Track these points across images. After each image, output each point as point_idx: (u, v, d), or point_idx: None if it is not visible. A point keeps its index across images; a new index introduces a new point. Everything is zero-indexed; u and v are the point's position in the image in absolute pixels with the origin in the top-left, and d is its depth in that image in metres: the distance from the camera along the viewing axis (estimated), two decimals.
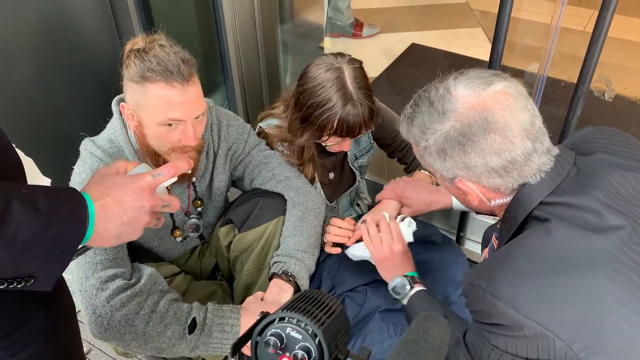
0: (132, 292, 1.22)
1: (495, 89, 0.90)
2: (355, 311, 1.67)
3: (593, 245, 0.84)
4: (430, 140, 0.93)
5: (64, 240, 0.68)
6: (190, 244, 1.61)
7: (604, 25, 1.30)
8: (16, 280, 0.66)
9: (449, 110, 0.91)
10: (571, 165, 0.94)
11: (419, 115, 0.95)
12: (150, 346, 1.22)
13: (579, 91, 1.45)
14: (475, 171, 0.92)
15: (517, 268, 0.87)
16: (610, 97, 2.76)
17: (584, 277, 0.82)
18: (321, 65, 1.45)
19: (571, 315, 0.80)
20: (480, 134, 0.88)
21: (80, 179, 1.28)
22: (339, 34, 3.59)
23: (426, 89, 0.97)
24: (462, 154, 0.91)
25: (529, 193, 0.93)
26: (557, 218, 0.89)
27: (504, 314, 0.84)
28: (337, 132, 1.46)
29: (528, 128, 0.89)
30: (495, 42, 1.51)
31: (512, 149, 0.89)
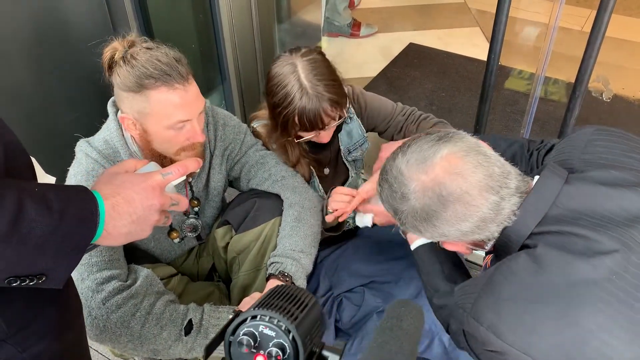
0: (127, 293, 1.22)
1: (442, 155, 0.91)
2: (353, 312, 1.66)
3: (579, 273, 0.83)
4: (402, 217, 0.97)
5: (75, 238, 0.69)
6: (187, 245, 1.60)
7: (601, 25, 1.30)
8: (28, 277, 0.67)
9: (408, 192, 0.93)
10: (560, 187, 0.92)
11: (385, 195, 0.99)
12: (147, 348, 1.22)
13: (577, 92, 1.45)
14: (452, 236, 0.94)
15: (500, 294, 0.87)
16: (608, 97, 2.76)
17: (567, 307, 0.81)
18: (278, 62, 1.45)
19: (553, 343, 0.80)
20: (441, 209, 0.91)
21: (76, 180, 1.28)
22: (337, 34, 3.58)
23: (385, 166, 1.00)
24: (432, 228, 0.94)
25: (517, 230, 0.92)
26: (544, 244, 0.88)
27: (487, 340, 0.86)
28: (302, 128, 1.45)
29: (487, 182, 0.89)
30: (493, 42, 1.51)
31: (477, 211, 0.90)
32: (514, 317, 0.84)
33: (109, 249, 1.26)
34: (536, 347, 0.81)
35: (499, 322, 0.84)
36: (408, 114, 1.71)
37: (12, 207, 0.63)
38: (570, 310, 0.81)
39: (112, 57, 1.21)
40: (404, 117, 1.71)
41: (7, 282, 0.66)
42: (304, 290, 0.67)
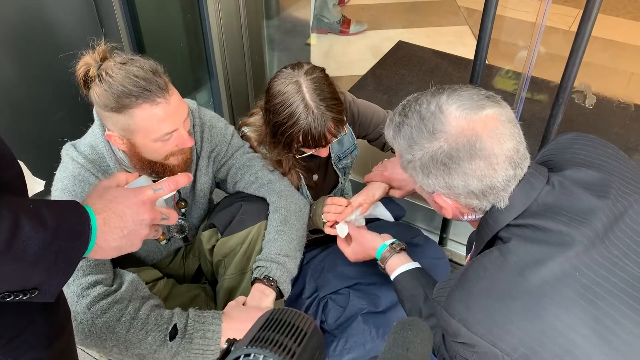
0: (113, 298, 1.22)
1: (488, 114, 0.90)
2: (338, 313, 1.68)
3: (546, 270, 0.86)
4: (417, 155, 0.93)
5: (68, 253, 0.71)
6: (173, 246, 1.60)
7: (585, 31, 1.32)
8: (22, 292, 0.68)
9: (439, 131, 0.90)
10: (543, 185, 0.95)
11: (407, 127, 0.94)
12: (132, 352, 1.22)
13: (560, 99, 1.46)
14: (455, 191, 0.93)
15: (470, 289, 0.90)
16: (591, 104, 2.79)
17: (533, 303, 0.84)
18: (280, 80, 1.44)
19: (520, 337, 0.83)
20: (466, 159, 0.89)
21: (62, 184, 1.28)
22: (327, 31, 3.58)
23: (418, 99, 0.96)
24: (445, 174, 0.92)
25: (498, 216, 0.95)
26: (518, 238, 0.91)
27: (458, 332, 0.89)
28: (305, 145, 1.46)
29: (513, 155, 0.90)
30: (480, 41, 1.51)
31: (494, 176, 0.90)
32: (483, 311, 0.87)
33: None
34: (504, 341, 0.84)
35: (468, 316, 0.88)
36: None
37: (8, 224, 0.64)
38: (535, 306, 0.84)
39: (86, 74, 1.20)
40: None
41: (0, 297, 0.67)
42: (301, 315, 0.62)
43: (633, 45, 3.42)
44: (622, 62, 3.29)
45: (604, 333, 0.81)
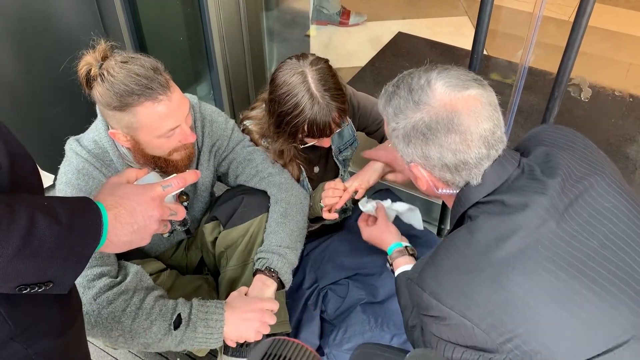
0: (118, 290, 1.25)
1: (470, 94, 0.96)
2: (337, 304, 1.71)
3: (509, 243, 0.92)
4: (400, 124, 1.00)
5: (81, 247, 0.74)
6: (175, 239, 1.63)
7: (580, 27, 1.33)
8: (37, 285, 0.71)
9: (424, 103, 0.97)
10: (514, 168, 1.01)
11: (397, 97, 1.01)
12: (137, 341, 1.26)
13: (556, 92, 1.48)
14: (431, 162, 0.99)
15: (440, 264, 0.97)
16: (586, 97, 2.81)
17: (497, 273, 0.90)
18: (285, 70, 1.46)
19: (486, 307, 0.89)
20: (443, 132, 0.95)
21: (66, 178, 1.30)
22: (326, 22, 3.58)
23: (411, 73, 1.03)
24: (423, 144, 0.98)
25: (469, 193, 1.02)
26: (485, 215, 0.98)
27: (429, 305, 0.94)
28: (309, 135, 1.49)
29: (487, 136, 0.96)
30: (478, 31, 1.53)
31: (467, 152, 0.96)
32: (452, 284, 0.93)
33: None
34: (472, 311, 0.90)
35: (439, 289, 0.94)
36: None
37: (25, 222, 0.67)
38: (500, 277, 0.90)
39: (88, 73, 1.21)
40: None
41: (17, 289, 0.70)
42: (301, 347, 0.59)
43: (632, 36, 3.43)
44: (621, 52, 3.29)
45: (565, 302, 0.87)
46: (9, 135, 0.78)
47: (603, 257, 0.91)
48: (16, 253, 0.66)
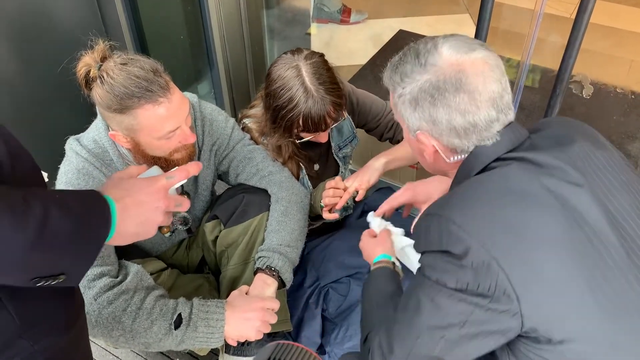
0: (118, 289, 1.25)
1: (477, 55, 0.95)
2: (339, 302, 1.71)
3: (545, 188, 0.90)
4: (407, 88, 0.98)
5: (92, 240, 0.76)
6: (177, 238, 1.63)
7: (581, 25, 1.33)
8: (50, 277, 0.72)
9: (430, 64, 0.95)
10: (526, 137, 1.00)
11: (403, 64, 0.99)
12: (138, 341, 1.26)
13: (557, 89, 1.48)
14: (439, 127, 0.97)
15: (470, 196, 0.94)
16: (588, 94, 2.80)
17: (531, 212, 0.89)
18: (280, 65, 1.46)
19: (514, 247, 0.86)
20: (452, 91, 0.93)
21: (67, 178, 1.30)
22: (327, 20, 3.57)
23: (418, 41, 1.02)
24: (431, 106, 0.96)
25: (487, 149, 0.98)
26: (515, 164, 0.95)
27: (455, 238, 0.89)
28: (305, 129, 1.48)
29: (496, 98, 0.95)
30: (479, 28, 1.53)
31: (477, 113, 0.94)
32: (480, 217, 0.90)
33: None
34: (498, 248, 0.86)
35: (467, 220, 0.89)
36: None
37: (40, 214, 0.67)
38: (526, 214, 0.88)
39: (87, 74, 1.21)
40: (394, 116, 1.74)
41: (32, 282, 0.71)
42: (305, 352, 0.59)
43: (634, 32, 3.41)
44: (623, 49, 3.28)
45: None
46: (9, 136, 0.78)
47: (626, 225, 0.91)
48: (32, 244, 0.67)
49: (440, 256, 0.92)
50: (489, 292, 0.87)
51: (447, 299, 0.91)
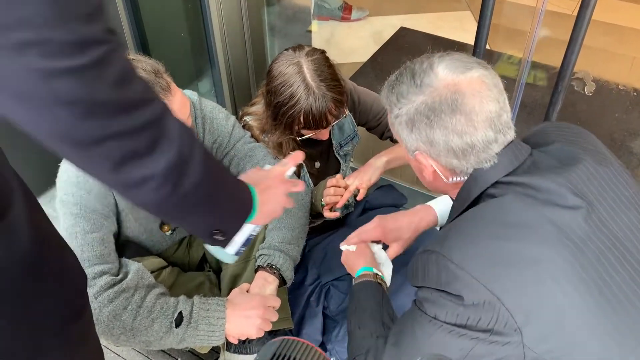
0: (119, 288, 1.25)
1: (473, 75, 0.94)
2: (340, 299, 1.71)
3: (543, 216, 0.89)
4: (403, 109, 0.97)
5: (243, 212, 0.92)
6: (177, 236, 1.63)
7: (584, 21, 1.32)
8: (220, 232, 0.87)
9: (426, 85, 0.94)
10: (527, 155, 0.99)
11: (399, 84, 0.99)
12: (139, 339, 1.26)
13: (560, 86, 1.47)
14: (437, 148, 0.96)
15: (468, 233, 0.92)
16: (590, 91, 2.79)
17: (531, 245, 0.87)
18: (281, 62, 1.46)
19: (515, 281, 0.85)
20: (448, 113, 0.92)
21: (67, 176, 1.30)
22: (328, 17, 3.56)
23: (414, 61, 1.01)
24: (427, 128, 0.95)
25: (485, 173, 0.97)
26: (512, 193, 0.94)
27: (454, 276, 0.88)
28: (306, 126, 1.48)
29: (493, 118, 0.93)
30: (481, 26, 1.52)
31: (474, 134, 0.93)
32: (482, 253, 0.88)
33: (100, 243, 1.29)
34: (501, 285, 0.85)
35: (468, 258, 0.88)
36: None
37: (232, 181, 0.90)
38: (533, 250, 0.87)
39: None
40: None
41: (211, 233, 0.86)
42: (310, 349, 0.59)
43: (636, 29, 3.41)
44: (625, 46, 3.27)
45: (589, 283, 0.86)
46: None
47: (629, 245, 0.90)
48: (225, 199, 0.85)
49: (439, 293, 0.91)
50: (489, 326, 0.86)
51: (447, 334, 0.90)
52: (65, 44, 0.51)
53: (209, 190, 0.77)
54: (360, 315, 1.19)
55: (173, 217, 0.82)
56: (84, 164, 0.65)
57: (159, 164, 0.65)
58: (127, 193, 0.69)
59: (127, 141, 0.62)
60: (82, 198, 1.29)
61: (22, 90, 0.52)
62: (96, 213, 1.31)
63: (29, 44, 0.49)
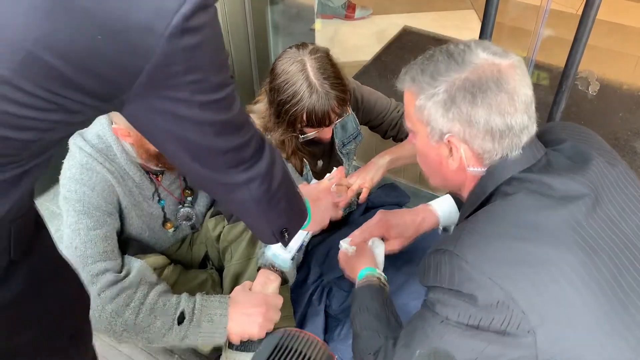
0: (121, 285, 1.25)
1: (510, 61, 0.94)
2: (342, 298, 1.71)
3: (557, 216, 0.88)
4: (441, 87, 0.93)
5: (302, 219, 1.10)
6: (180, 234, 1.63)
7: (588, 22, 1.32)
8: (286, 232, 1.02)
9: (469, 62, 0.92)
10: (544, 152, 0.98)
11: (433, 64, 0.95)
12: (141, 337, 1.26)
13: (564, 86, 1.47)
14: (475, 128, 0.92)
15: (482, 232, 0.90)
16: (594, 91, 2.78)
17: (545, 245, 0.86)
18: (285, 59, 1.46)
19: (529, 282, 0.84)
20: (494, 89, 0.90)
21: (70, 173, 1.30)
22: (331, 16, 3.56)
23: (442, 46, 0.99)
24: (470, 105, 0.91)
25: (503, 167, 0.96)
26: (525, 190, 0.93)
27: (467, 276, 0.86)
28: (308, 124, 1.48)
29: (529, 104, 0.93)
30: (485, 25, 1.52)
31: (514, 115, 0.91)
32: (497, 252, 0.87)
33: (104, 240, 1.30)
34: (515, 285, 0.83)
35: (482, 257, 0.86)
36: (402, 111, 1.73)
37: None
38: (549, 250, 0.86)
39: None
40: (399, 113, 1.73)
41: (281, 232, 1.00)
42: (310, 340, 0.58)
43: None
44: (629, 45, 3.26)
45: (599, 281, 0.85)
46: None
47: None
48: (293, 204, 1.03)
49: (451, 293, 0.89)
50: (502, 328, 0.84)
51: (459, 335, 0.89)
52: (215, 84, 0.71)
53: (286, 191, 0.94)
54: (365, 316, 1.18)
55: (263, 211, 0.93)
56: (211, 167, 0.82)
57: (261, 168, 0.85)
58: (233, 191, 0.86)
59: (241, 151, 0.82)
60: (85, 195, 1.30)
61: (185, 114, 0.71)
62: (99, 210, 1.31)
63: (195, 82, 0.68)
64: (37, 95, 0.61)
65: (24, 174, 0.70)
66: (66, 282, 0.93)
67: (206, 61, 0.67)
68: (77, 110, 0.65)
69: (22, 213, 0.76)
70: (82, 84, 0.62)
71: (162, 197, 1.50)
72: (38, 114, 0.63)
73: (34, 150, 0.69)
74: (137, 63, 0.62)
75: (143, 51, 0.61)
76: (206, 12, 0.64)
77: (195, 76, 0.67)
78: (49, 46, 0.58)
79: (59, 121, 0.66)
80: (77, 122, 0.70)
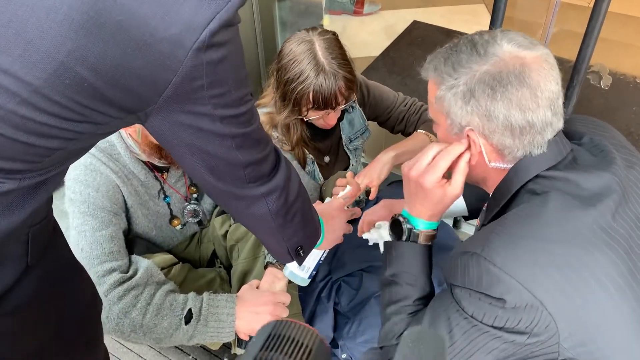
0: (128, 285, 1.25)
1: (538, 52, 0.90)
2: (351, 296, 1.70)
3: (587, 216, 0.86)
4: (461, 79, 0.91)
5: (315, 238, 1.08)
6: (188, 231, 1.63)
7: (599, 15, 1.29)
8: (302, 249, 1.02)
9: (491, 54, 0.90)
10: (570, 150, 0.95)
11: (456, 54, 0.93)
12: (149, 337, 1.26)
13: (575, 80, 1.45)
14: (494, 123, 0.90)
15: (511, 233, 0.87)
16: (606, 84, 2.73)
17: (575, 247, 0.84)
18: (293, 40, 1.45)
19: (559, 284, 0.82)
20: (515, 84, 0.88)
21: (74, 174, 1.30)
22: (340, 11, 3.54)
23: (468, 35, 0.97)
24: (489, 99, 0.89)
25: (528, 164, 0.93)
26: (554, 190, 0.90)
27: (496, 279, 0.84)
28: (314, 106, 1.45)
29: (554, 100, 0.90)
30: (494, 18, 1.50)
31: (536, 111, 0.89)
32: (527, 255, 0.84)
33: (110, 241, 1.30)
34: (545, 288, 0.81)
35: (512, 259, 0.84)
36: (410, 104, 1.72)
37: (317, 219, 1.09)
38: (579, 251, 0.84)
39: None
40: (406, 107, 1.71)
41: (296, 250, 1.00)
42: (304, 328, 0.58)
43: None
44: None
45: None
46: None
47: None
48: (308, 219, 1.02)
49: (478, 295, 0.88)
50: (528, 329, 0.83)
51: (482, 334, 0.88)
52: (236, 99, 0.72)
53: (302, 205, 0.95)
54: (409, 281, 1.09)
55: (279, 225, 0.92)
56: (231, 181, 0.83)
57: (279, 181, 0.86)
58: (251, 205, 0.87)
59: (261, 165, 0.83)
60: (90, 196, 1.30)
61: (207, 127, 0.72)
62: (105, 210, 1.31)
63: (217, 96, 0.69)
64: (66, 105, 0.61)
65: (42, 183, 0.71)
66: (80, 287, 0.94)
67: (228, 76, 0.68)
68: (103, 122, 0.66)
69: (40, 219, 0.78)
70: (111, 97, 0.63)
71: (167, 195, 1.50)
72: (65, 123, 0.63)
73: (54, 159, 0.69)
74: (165, 76, 0.63)
75: (171, 65, 0.62)
76: (231, 29, 0.65)
77: (217, 90, 0.68)
78: (82, 59, 0.58)
79: (84, 132, 0.66)
80: (101, 133, 0.71)
